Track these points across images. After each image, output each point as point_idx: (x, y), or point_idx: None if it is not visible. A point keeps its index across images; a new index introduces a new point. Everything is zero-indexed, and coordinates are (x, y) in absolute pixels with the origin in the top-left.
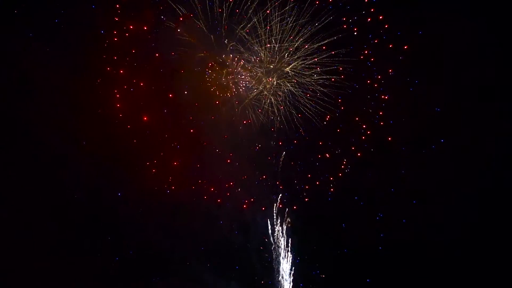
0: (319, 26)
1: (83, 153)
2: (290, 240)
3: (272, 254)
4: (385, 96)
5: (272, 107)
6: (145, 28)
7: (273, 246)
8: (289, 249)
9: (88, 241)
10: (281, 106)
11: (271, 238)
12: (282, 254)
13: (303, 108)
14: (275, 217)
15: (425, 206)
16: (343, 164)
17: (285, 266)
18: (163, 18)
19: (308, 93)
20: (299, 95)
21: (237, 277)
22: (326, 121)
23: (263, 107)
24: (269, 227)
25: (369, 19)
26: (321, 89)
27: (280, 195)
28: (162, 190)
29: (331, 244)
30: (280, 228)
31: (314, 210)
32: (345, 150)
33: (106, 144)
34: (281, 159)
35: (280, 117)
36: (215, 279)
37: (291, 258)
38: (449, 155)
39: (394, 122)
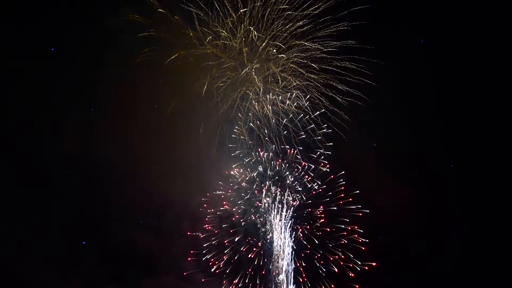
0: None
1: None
2: (282, 239)
3: (263, 252)
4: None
5: (257, 109)
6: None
7: (265, 244)
8: (281, 247)
9: (79, 243)
10: (267, 108)
11: (262, 237)
12: (274, 252)
13: (292, 113)
14: (266, 216)
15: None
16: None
17: (277, 265)
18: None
19: (296, 97)
20: (287, 98)
21: (228, 275)
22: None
23: (247, 107)
24: (260, 226)
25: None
26: (316, 93)
27: (270, 193)
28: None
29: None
30: (271, 227)
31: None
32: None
33: (91, 148)
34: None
35: (268, 121)
36: (206, 278)
37: (283, 256)
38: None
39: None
